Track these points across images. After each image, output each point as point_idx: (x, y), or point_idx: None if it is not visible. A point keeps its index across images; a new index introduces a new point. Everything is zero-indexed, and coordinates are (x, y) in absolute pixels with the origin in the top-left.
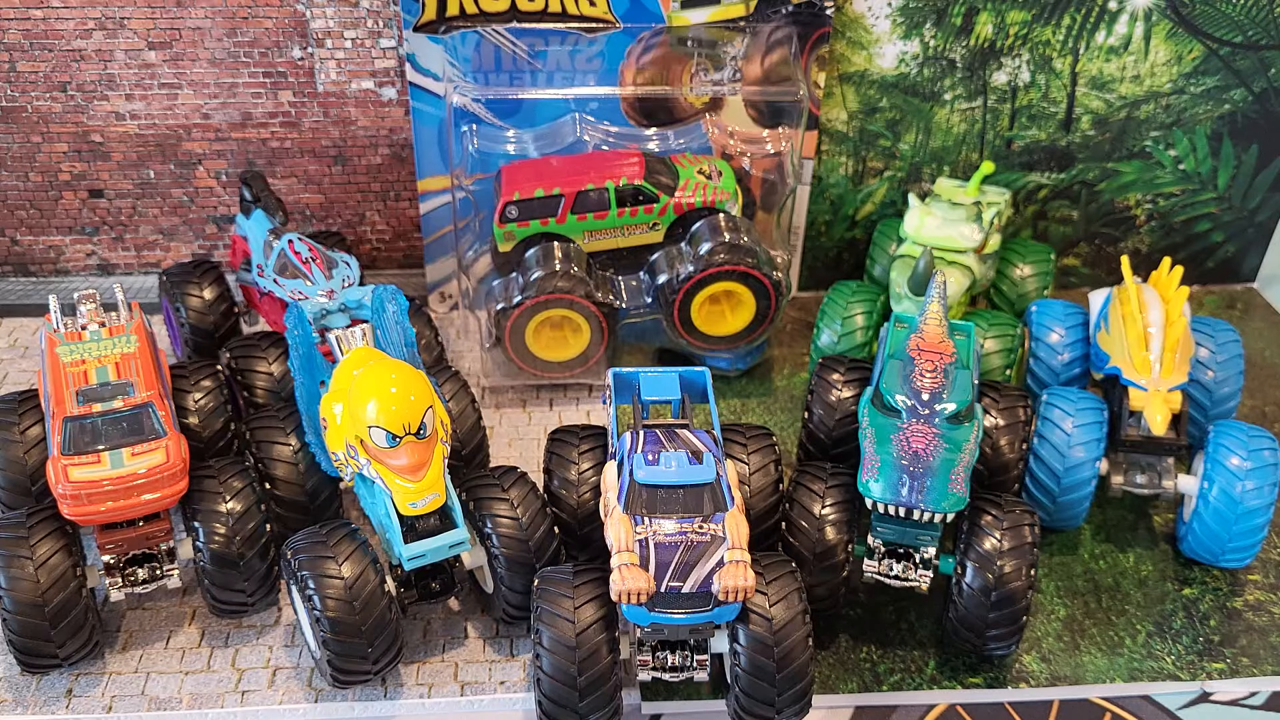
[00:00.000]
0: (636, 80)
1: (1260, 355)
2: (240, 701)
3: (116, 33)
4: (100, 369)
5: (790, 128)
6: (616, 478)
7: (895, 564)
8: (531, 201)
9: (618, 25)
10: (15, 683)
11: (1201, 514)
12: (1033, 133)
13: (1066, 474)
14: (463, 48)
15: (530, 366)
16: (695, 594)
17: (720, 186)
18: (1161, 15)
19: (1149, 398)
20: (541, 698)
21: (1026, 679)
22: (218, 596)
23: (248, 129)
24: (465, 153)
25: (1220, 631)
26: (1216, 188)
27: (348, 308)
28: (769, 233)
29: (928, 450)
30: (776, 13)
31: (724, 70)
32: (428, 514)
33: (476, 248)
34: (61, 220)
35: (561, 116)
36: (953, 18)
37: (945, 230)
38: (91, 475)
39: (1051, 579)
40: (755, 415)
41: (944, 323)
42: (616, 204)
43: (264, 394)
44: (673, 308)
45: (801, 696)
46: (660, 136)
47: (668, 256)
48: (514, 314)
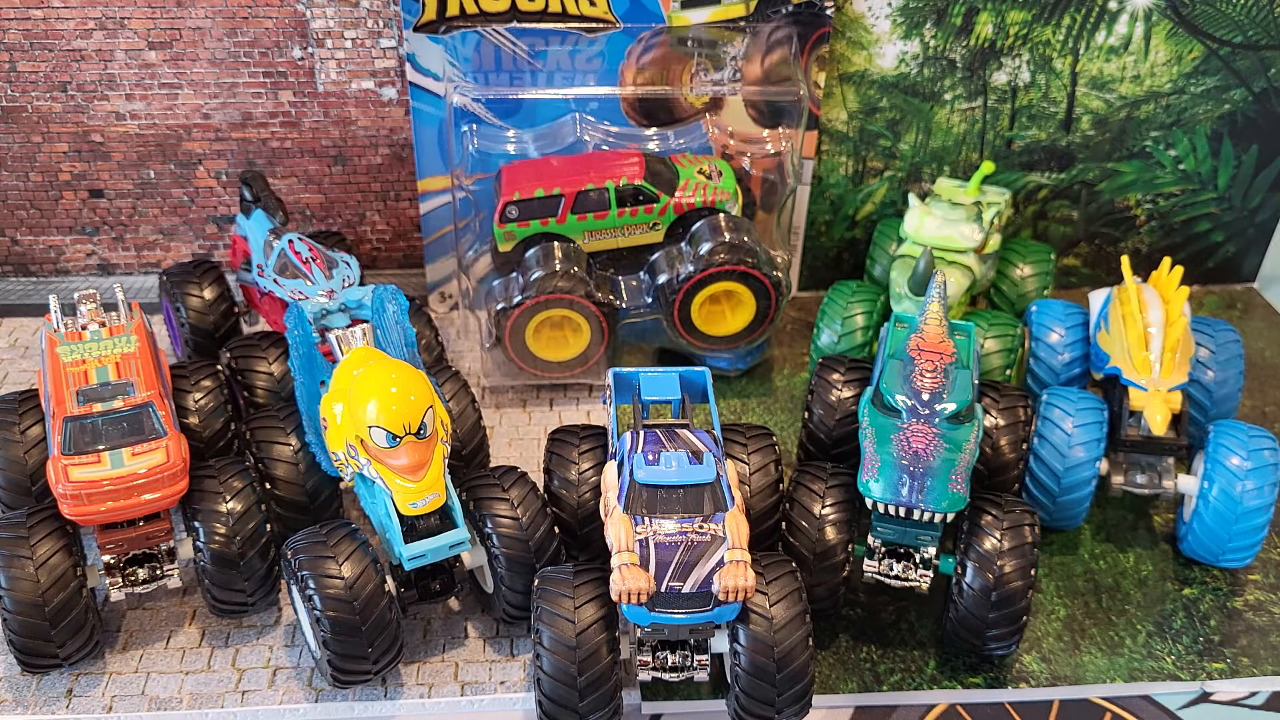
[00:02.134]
0: (636, 80)
1: (1260, 355)
2: (240, 701)
3: (117, 33)
4: (100, 369)
5: (790, 128)
6: (616, 478)
7: (895, 564)
8: (531, 201)
9: (618, 25)
10: (15, 683)
11: (1201, 514)
12: (1033, 133)
13: (1066, 474)
14: (463, 48)
15: (530, 366)
16: (695, 594)
17: (720, 186)
18: (1161, 15)
19: (1149, 398)
20: (541, 698)
21: (1026, 679)
22: (218, 596)
23: (248, 129)
24: (465, 153)
25: (1220, 631)
26: (1216, 188)
27: (348, 308)
28: (769, 233)
29: (928, 450)
30: (776, 13)
31: (724, 70)
32: (428, 514)
33: (476, 248)
34: (62, 220)
35: (562, 116)
36: (953, 18)
37: (945, 230)
38: (92, 475)
39: (1051, 579)
40: (755, 415)
41: (944, 323)
42: (617, 204)
43: (264, 394)
44: (673, 307)
45: (801, 696)
46: (660, 136)
47: (668, 256)
48: (514, 314)
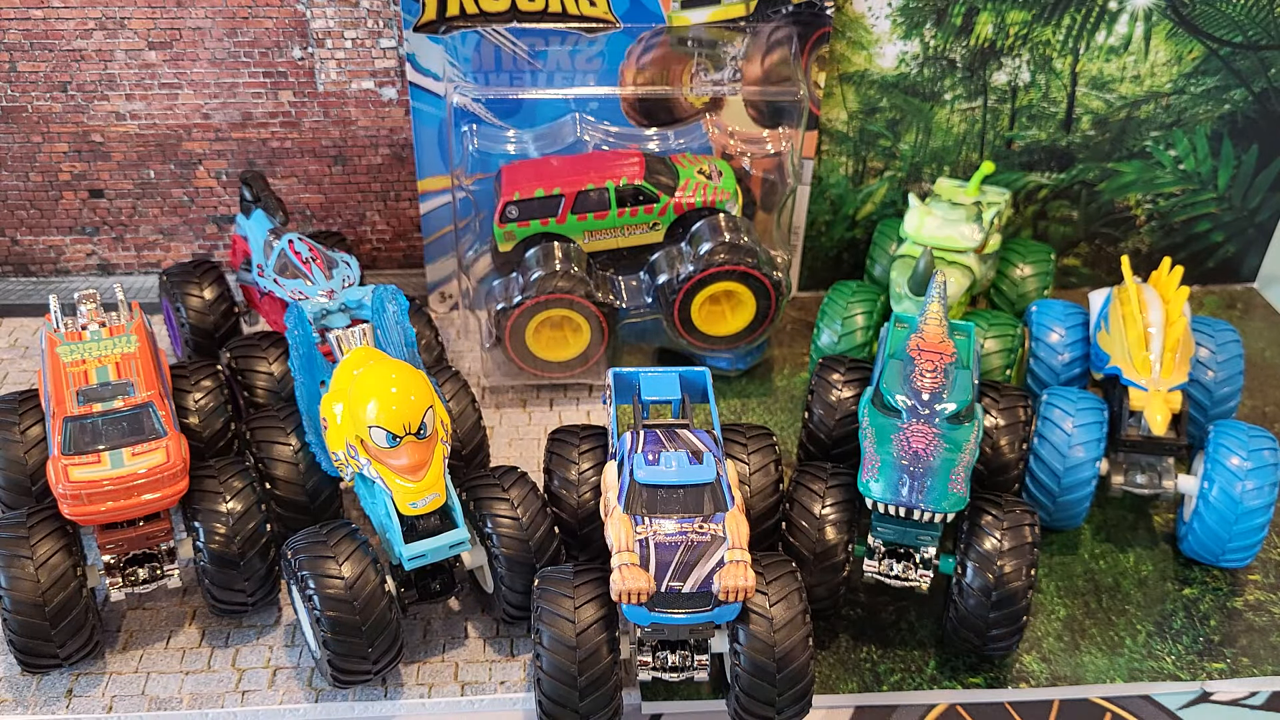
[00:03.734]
0: (636, 80)
1: (1260, 355)
2: (240, 701)
3: (117, 33)
4: (100, 369)
5: (790, 128)
6: (616, 478)
7: (895, 564)
8: (532, 201)
9: (618, 25)
10: (15, 683)
11: (1202, 514)
12: (1033, 133)
13: (1066, 474)
14: (463, 48)
15: (530, 366)
16: (695, 594)
17: (720, 186)
18: (1161, 15)
19: (1149, 398)
20: (542, 697)
21: (1026, 679)
22: (218, 596)
23: (248, 129)
24: (465, 153)
25: (1220, 631)
26: (1216, 188)
27: (348, 308)
28: (769, 233)
29: (928, 450)
30: (777, 13)
31: (724, 70)
32: (428, 514)
33: (477, 248)
34: (62, 220)
35: (561, 116)
36: (953, 18)
37: (945, 230)
38: (92, 475)
39: (1051, 579)
40: (755, 415)
41: (944, 323)
42: (617, 204)
43: (264, 394)
44: (673, 308)
45: (802, 696)
46: (660, 136)
47: (668, 256)
48: (514, 314)
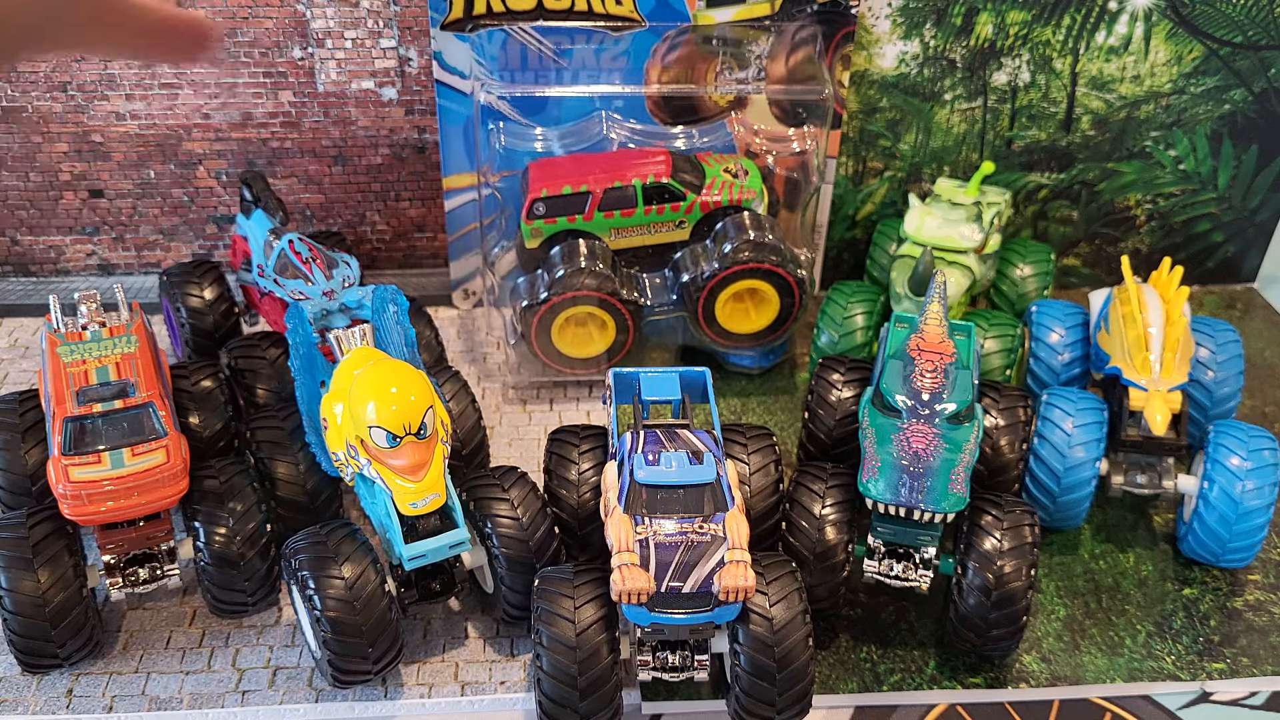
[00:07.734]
0: (662, 79)
1: (1260, 355)
2: (240, 701)
3: None
4: (101, 369)
5: (816, 126)
6: (617, 478)
7: (895, 564)
8: (559, 198)
9: (643, 24)
10: (16, 683)
11: (1202, 514)
12: (1033, 133)
13: (1066, 474)
14: (489, 46)
15: (555, 363)
16: (695, 594)
17: (746, 185)
18: (1161, 15)
19: (1149, 398)
20: (542, 697)
21: (1026, 679)
22: (218, 596)
23: (248, 129)
24: (492, 150)
25: (1220, 631)
26: (1216, 188)
27: (348, 308)
28: (793, 231)
29: (928, 450)
30: (801, 11)
31: (749, 69)
32: (428, 514)
33: (502, 245)
34: (62, 220)
35: (587, 114)
36: (953, 18)
37: (945, 230)
38: (92, 475)
39: (1051, 579)
40: (755, 415)
41: (944, 323)
42: (643, 201)
43: (264, 394)
44: (697, 305)
45: (802, 696)
46: (685, 134)
47: (692, 254)
48: (540, 311)
